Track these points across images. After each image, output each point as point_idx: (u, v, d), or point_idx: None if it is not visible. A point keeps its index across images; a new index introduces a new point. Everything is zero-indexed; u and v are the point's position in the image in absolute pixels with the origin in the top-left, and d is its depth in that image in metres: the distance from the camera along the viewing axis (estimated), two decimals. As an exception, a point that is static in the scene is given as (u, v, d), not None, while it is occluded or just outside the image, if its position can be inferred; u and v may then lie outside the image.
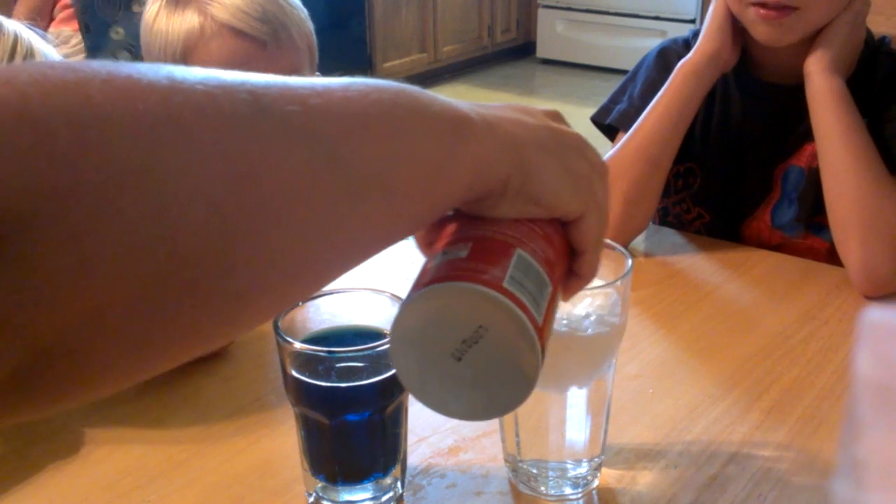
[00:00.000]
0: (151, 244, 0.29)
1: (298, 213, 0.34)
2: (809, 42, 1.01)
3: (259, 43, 0.95)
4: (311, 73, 1.02)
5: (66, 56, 2.32)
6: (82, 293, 0.28)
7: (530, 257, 0.43)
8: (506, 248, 0.43)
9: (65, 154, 0.27)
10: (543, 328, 0.42)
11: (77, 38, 2.33)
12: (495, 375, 0.42)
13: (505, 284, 0.41)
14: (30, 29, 0.80)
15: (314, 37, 1.03)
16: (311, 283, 0.37)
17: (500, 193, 0.43)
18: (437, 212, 0.42)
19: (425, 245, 0.48)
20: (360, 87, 0.38)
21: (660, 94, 1.06)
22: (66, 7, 2.35)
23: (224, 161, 0.31)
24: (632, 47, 4.66)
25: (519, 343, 0.41)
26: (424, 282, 0.42)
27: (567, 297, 0.50)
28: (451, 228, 0.46)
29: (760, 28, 1.01)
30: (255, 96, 0.33)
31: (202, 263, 0.31)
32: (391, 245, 0.40)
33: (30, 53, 0.76)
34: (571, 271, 0.48)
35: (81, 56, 2.32)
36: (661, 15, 4.78)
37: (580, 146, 0.48)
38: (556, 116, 0.49)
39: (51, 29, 2.37)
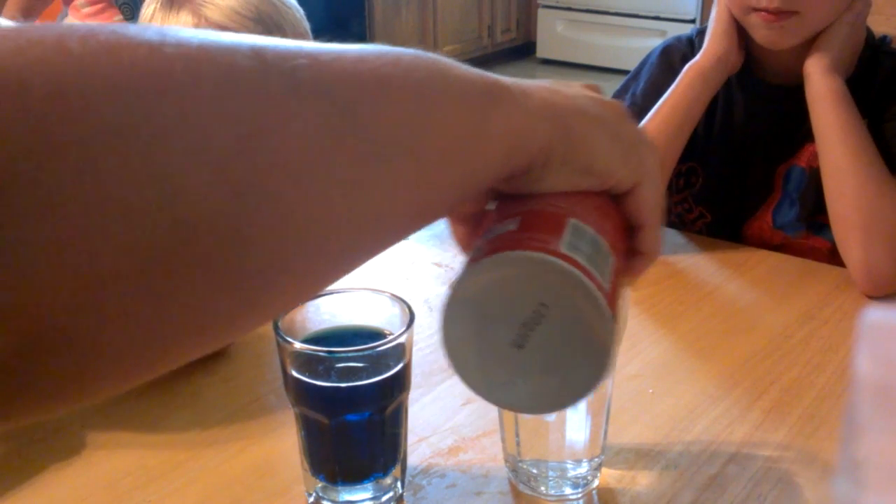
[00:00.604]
0: (150, 210, 0.26)
1: (318, 172, 0.30)
2: (811, 42, 1.02)
3: None
4: None
5: None
6: (72, 268, 0.25)
7: (587, 226, 0.39)
8: (558, 218, 0.38)
9: (40, 110, 0.24)
10: (612, 295, 0.38)
11: None
12: (565, 358, 0.37)
13: (562, 250, 0.36)
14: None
15: (310, 36, 1.03)
16: (339, 262, 0.33)
17: (544, 164, 0.39)
18: (474, 183, 0.38)
19: (466, 244, 0.45)
20: (376, 49, 0.34)
21: (665, 95, 1.06)
22: (94, 3, 2.34)
23: (226, 118, 0.28)
24: (632, 47, 4.66)
25: (587, 312, 0.36)
26: (471, 261, 0.38)
27: (634, 277, 0.46)
28: (493, 215, 0.42)
29: (762, 32, 1.01)
30: (258, 51, 0.30)
31: (213, 233, 0.27)
32: (425, 223, 0.36)
33: None
34: (633, 250, 0.44)
35: None
36: (661, 15, 4.78)
37: (625, 118, 0.44)
38: (595, 88, 0.45)
39: (71, 20, 2.36)
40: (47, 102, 0.24)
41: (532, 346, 0.37)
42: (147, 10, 0.99)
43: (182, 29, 0.29)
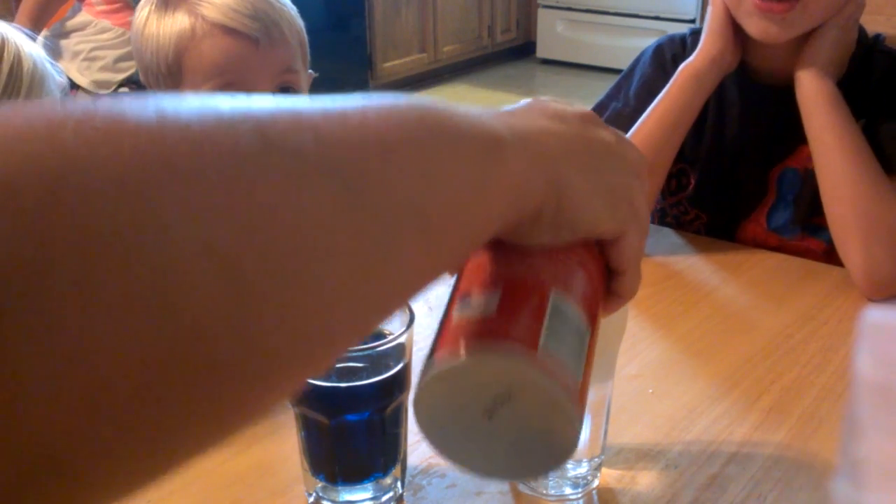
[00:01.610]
0: (152, 320, 0.23)
1: (325, 257, 0.28)
2: (801, 44, 1.01)
3: (251, 40, 0.95)
4: (305, 69, 1.02)
5: (97, 48, 2.31)
6: (71, 392, 0.22)
7: (567, 304, 0.40)
8: (540, 297, 0.39)
9: (34, 217, 0.22)
10: (583, 388, 0.39)
11: (113, 33, 2.32)
12: (529, 435, 0.39)
13: (540, 351, 0.37)
14: (19, 31, 0.80)
15: (305, 33, 1.03)
16: (345, 341, 0.31)
17: (533, 222, 0.39)
18: (474, 243, 0.38)
19: None
20: (379, 108, 0.33)
21: (659, 97, 1.05)
22: (110, 2, 2.34)
23: (231, 207, 0.26)
24: (632, 47, 4.65)
25: (554, 416, 0.38)
26: (452, 343, 0.38)
27: (605, 315, 0.46)
28: (481, 258, 0.42)
29: (759, 24, 0.99)
30: (261, 128, 0.28)
31: (219, 334, 0.25)
32: (427, 287, 0.35)
33: (17, 58, 0.75)
34: (610, 290, 0.45)
35: (113, 52, 2.31)
36: (661, 15, 4.78)
37: (617, 153, 0.44)
38: (591, 119, 0.44)
39: (85, 16, 2.35)
40: (41, 208, 0.22)
41: (500, 419, 0.38)
42: (142, 13, 0.99)
43: (182, 102, 0.27)
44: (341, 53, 4.07)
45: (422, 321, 0.62)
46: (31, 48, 0.78)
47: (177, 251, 0.24)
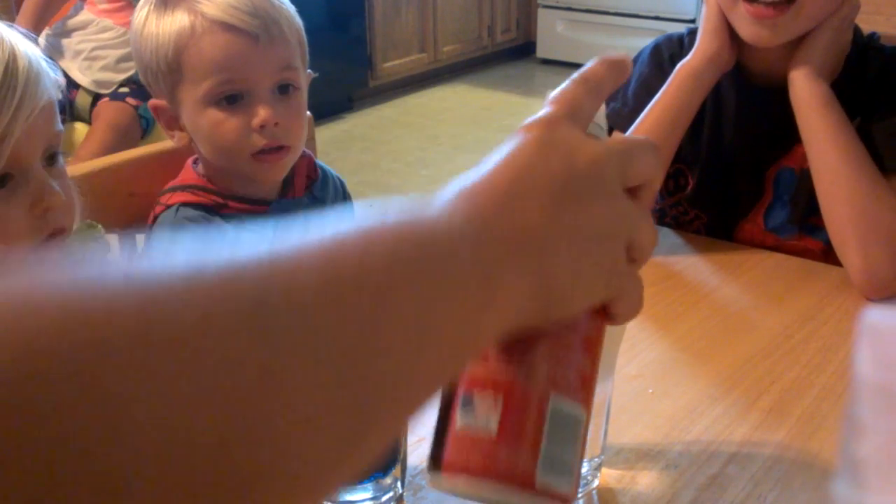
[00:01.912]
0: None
1: (305, 457, 0.27)
2: (795, 45, 1.01)
3: (251, 37, 0.95)
4: (304, 68, 1.02)
5: (99, 47, 2.31)
6: None
7: (566, 401, 0.41)
8: (540, 408, 0.40)
9: None
10: (575, 479, 0.41)
11: (114, 32, 2.31)
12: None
13: (538, 479, 0.39)
14: (14, 30, 0.79)
15: (304, 33, 1.04)
16: (331, 491, 0.30)
17: (529, 323, 0.39)
18: (467, 365, 0.39)
19: None
20: (379, 252, 0.31)
21: (657, 97, 1.05)
22: (113, 0, 2.34)
23: (217, 407, 0.24)
24: (632, 47, 4.64)
25: None
26: (453, 466, 0.40)
27: None
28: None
29: (750, 29, 0.99)
30: (258, 293, 0.26)
31: None
32: (415, 417, 0.34)
33: (12, 56, 0.75)
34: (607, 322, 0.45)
35: (114, 52, 2.30)
36: (661, 15, 4.78)
37: (623, 215, 0.41)
38: (601, 177, 0.41)
39: (87, 14, 2.35)
40: (5, 404, 0.20)
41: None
42: (141, 12, 0.99)
43: (175, 275, 0.25)
44: (341, 53, 4.07)
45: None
46: (27, 46, 0.78)
47: (144, 461, 0.22)
